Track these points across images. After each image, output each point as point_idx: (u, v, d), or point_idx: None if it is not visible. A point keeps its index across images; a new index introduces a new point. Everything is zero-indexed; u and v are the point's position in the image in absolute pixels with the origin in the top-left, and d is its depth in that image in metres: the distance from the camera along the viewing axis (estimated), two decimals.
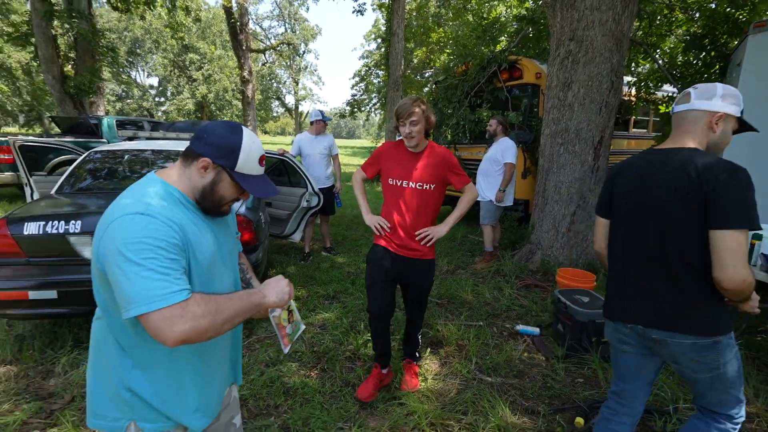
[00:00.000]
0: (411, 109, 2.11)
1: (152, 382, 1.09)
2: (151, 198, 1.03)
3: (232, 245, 1.27)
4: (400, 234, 2.28)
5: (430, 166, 2.22)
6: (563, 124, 4.51)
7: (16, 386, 2.52)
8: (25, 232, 2.70)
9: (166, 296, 0.92)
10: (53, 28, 10.69)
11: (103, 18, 31.48)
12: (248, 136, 1.12)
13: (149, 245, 0.94)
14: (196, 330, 0.94)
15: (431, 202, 2.27)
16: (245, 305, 1.06)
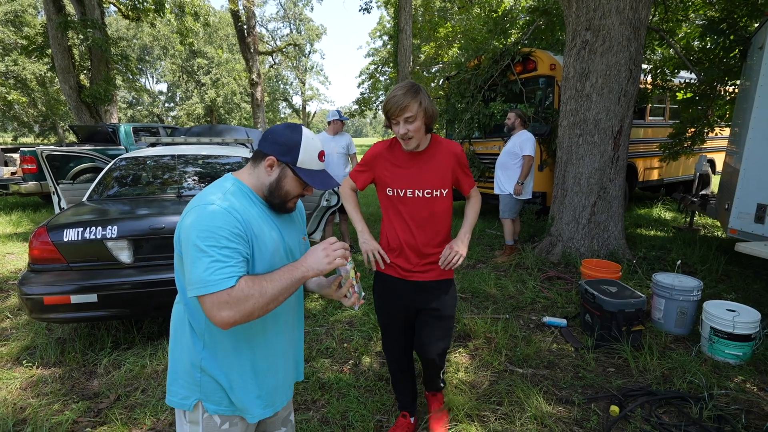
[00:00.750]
0: (404, 103, 1.61)
1: (220, 364, 1.18)
2: (223, 192, 1.13)
3: (298, 244, 1.32)
4: (409, 256, 1.84)
5: (440, 167, 1.78)
6: (581, 115, 4.49)
7: (62, 387, 2.63)
8: (64, 238, 2.80)
9: (217, 282, 1.01)
10: (68, 38, 10.91)
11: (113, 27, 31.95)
12: (307, 134, 1.21)
13: (213, 233, 1.04)
14: (241, 313, 1.03)
15: (444, 211, 1.83)
16: (287, 282, 1.10)
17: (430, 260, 1.87)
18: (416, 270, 1.87)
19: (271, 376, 1.26)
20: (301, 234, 1.38)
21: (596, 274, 3.47)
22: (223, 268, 1.03)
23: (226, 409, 1.20)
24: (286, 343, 1.30)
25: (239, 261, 1.07)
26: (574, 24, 4.43)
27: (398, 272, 1.89)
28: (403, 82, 1.66)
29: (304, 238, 1.40)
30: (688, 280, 3.12)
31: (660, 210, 7.56)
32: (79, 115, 11.45)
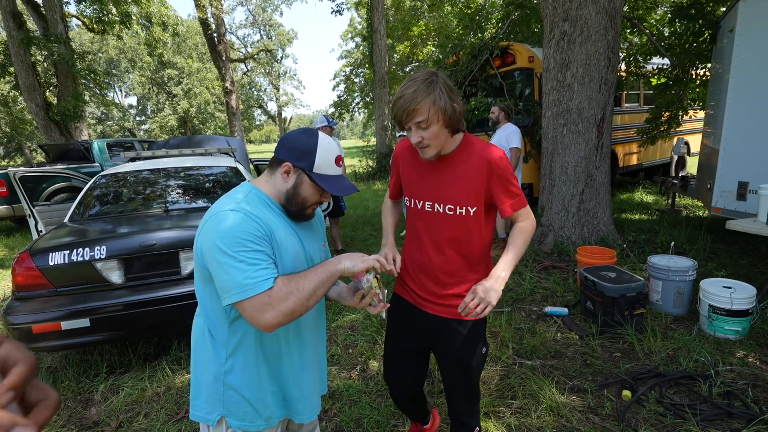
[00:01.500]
0: (413, 105, 1.25)
1: (244, 376, 1.16)
2: (241, 198, 1.12)
3: (318, 252, 1.28)
4: (425, 282, 1.51)
5: (467, 178, 1.38)
6: (564, 105, 4.56)
7: (58, 419, 2.50)
8: (50, 262, 2.66)
9: (255, 285, 1.01)
10: (32, 54, 10.49)
11: (76, 41, 30.96)
12: (323, 139, 1.17)
13: (239, 238, 1.02)
14: (284, 313, 1.02)
15: (473, 234, 1.43)
16: (322, 275, 1.09)
17: (450, 292, 1.48)
18: (432, 300, 1.51)
19: (296, 388, 1.23)
20: (321, 241, 1.34)
21: (592, 261, 3.52)
22: (257, 271, 1.03)
23: (250, 424, 1.18)
24: (310, 354, 1.27)
25: (270, 263, 1.06)
26: (551, 15, 4.49)
27: (413, 298, 1.57)
28: (418, 73, 1.29)
29: (324, 245, 1.36)
30: (682, 260, 3.19)
31: (641, 194, 7.75)
32: (48, 133, 11.03)
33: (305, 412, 1.24)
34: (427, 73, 1.29)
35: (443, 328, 1.52)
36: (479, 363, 1.53)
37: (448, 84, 1.28)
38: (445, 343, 1.53)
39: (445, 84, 1.27)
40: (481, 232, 1.45)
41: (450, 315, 1.49)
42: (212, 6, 17.82)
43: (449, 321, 1.50)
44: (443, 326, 1.51)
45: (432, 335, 1.56)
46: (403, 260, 1.60)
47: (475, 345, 1.51)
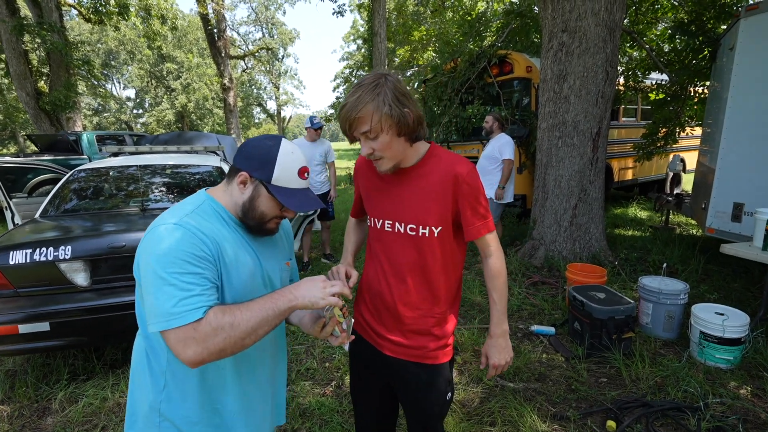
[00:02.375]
0: (354, 113, 1.10)
1: (182, 408, 1.04)
2: (190, 210, 1.01)
3: (278, 271, 1.15)
4: (382, 315, 1.32)
5: (431, 192, 1.22)
6: (560, 117, 4.47)
7: (10, 428, 2.35)
8: (11, 261, 2.52)
9: (181, 315, 0.88)
10: (24, 42, 10.31)
11: (75, 30, 30.70)
12: (286, 148, 1.05)
13: (176, 257, 0.90)
14: (210, 350, 0.89)
15: (439, 260, 1.25)
16: (268, 312, 0.94)
17: (411, 328, 1.29)
18: (390, 339, 1.31)
19: (243, 423, 1.10)
20: (284, 258, 1.21)
21: (582, 279, 3.41)
22: (188, 298, 0.89)
23: None
24: (263, 384, 1.14)
25: (207, 288, 0.93)
26: (550, 26, 4.41)
27: (369, 335, 1.38)
28: (366, 76, 1.14)
29: (288, 264, 1.23)
30: (674, 283, 3.09)
31: (635, 209, 7.68)
32: (38, 123, 10.83)
33: None
34: (375, 76, 1.12)
35: (402, 372, 1.32)
36: (443, 410, 1.35)
37: (399, 87, 1.11)
38: (404, 388, 1.34)
39: (393, 87, 1.10)
40: (448, 258, 1.27)
41: (411, 358, 1.30)
42: (213, 1, 17.70)
43: (408, 364, 1.30)
44: (402, 370, 1.31)
45: (391, 379, 1.37)
46: (361, 289, 1.43)
47: (439, 391, 1.32)
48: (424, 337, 1.28)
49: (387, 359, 1.32)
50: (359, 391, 1.47)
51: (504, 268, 1.30)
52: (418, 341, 1.28)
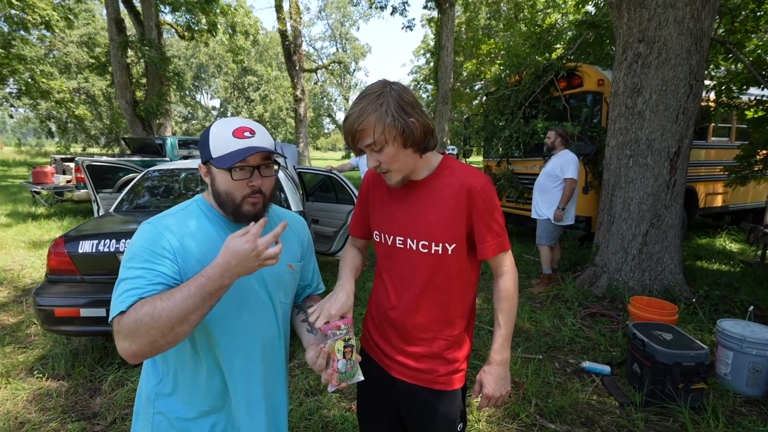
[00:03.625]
0: (357, 126, 1.04)
1: (177, 402, 1.06)
2: (174, 212, 1.05)
3: (274, 272, 1.11)
4: (389, 335, 1.25)
5: (444, 207, 1.14)
6: (632, 134, 4.07)
7: (65, 402, 2.56)
8: (80, 250, 2.77)
9: (114, 306, 0.87)
10: (127, 57, 11.67)
11: (174, 47, 34.30)
12: (219, 121, 1.02)
13: (135, 252, 0.94)
14: (138, 344, 0.84)
15: (452, 279, 1.18)
16: (195, 299, 0.85)
17: (420, 351, 1.20)
18: (398, 360, 1.23)
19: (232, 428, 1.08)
20: (287, 260, 1.15)
21: (648, 315, 3.03)
22: (126, 291, 0.87)
23: None
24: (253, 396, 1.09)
25: (149, 283, 0.89)
26: (625, 36, 4.06)
27: (377, 355, 1.29)
28: (371, 85, 1.07)
29: (291, 266, 1.17)
30: (762, 330, 2.63)
31: (724, 240, 6.79)
32: (134, 128, 12.16)
33: None
34: (380, 85, 1.05)
35: (410, 396, 1.23)
36: None
37: (404, 96, 1.04)
38: (412, 414, 1.25)
39: (398, 97, 1.03)
40: (463, 277, 1.19)
41: (420, 382, 1.21)
42: (292, 19, 18.84)
43: (417, 389, 1.21)
44: (410, 394, 1.23)
45: (400, 403, 1.27)
46: (369, 307, 1.35)
47: (449, 420, 1.22)
48: (434, 360, 1.20)
49: (395, 382, 1.24)
50: (366, 412, 1.39)
51: (516, 292, 1.21)
52: (428, 364, 1.20)
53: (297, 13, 18.80)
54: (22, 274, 4.93)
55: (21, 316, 3.77)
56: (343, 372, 1.04)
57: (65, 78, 24.87)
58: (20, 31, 14.58)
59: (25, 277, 4.82)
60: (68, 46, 25.81)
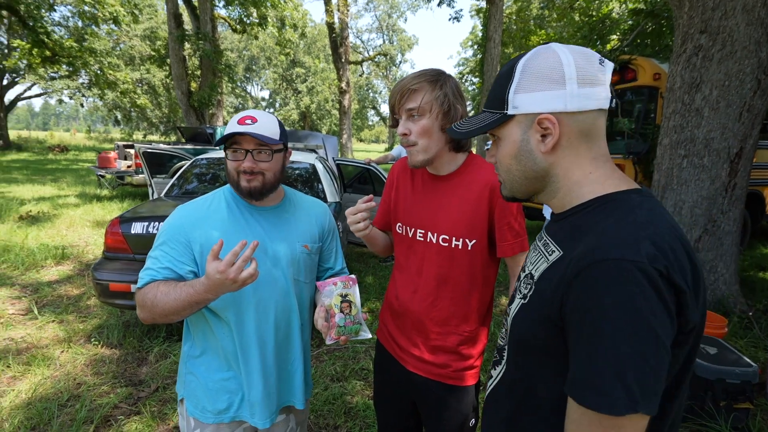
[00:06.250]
0: (410, 85, 1.09)
1: (202, 363, 1.20)
2: (202, 198, 1.22)
3: (288, 253, 1.21)
4: (405, 327, 1.27)
5: (467, 202, 1.16)
6: (688, 133, 3.80)
7: (116, 369, 2.81)
8: (132, 231, 3.01)
9: (139, 280, 1.11)
10: (184, 49, 12.31)
11: (227, 39, 35.68)
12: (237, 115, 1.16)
13: (160, 233, 1.15)
14: (144, 317, 1.09)
15: (470, 274, 1.19)
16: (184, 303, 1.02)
17: (436, 344, 1.22)
18: (413, 354, 1.25)
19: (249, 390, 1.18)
20: (300, 240, 1.24)
21: None
22: (145, 269, 1.11)
23: (201, 414, 1.19)
24: (267, 360, 1.19)
25: (161, 266, 1.10)
26: (685, 26, 3.78)
27: (393, 348, 1.33)
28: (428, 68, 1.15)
29: (306, 246, 1.25)
30: None
31: None
32: (188, 117, 12.85)
33: (258, 417, 1.18)
34: (437, 70, 1.14)
35: (425, 391, 1.25)
36: None
37: (458, 86, 1.15)
38: (426, 407, 1.28)
39: (454, 83, 1.14)
40: (481, 274, 1.20)
41: (433, 376, 1.23)
42: (339, 11, 19.04)
43: (430, 383, 1.24)
44: (425, 389, 1.25)
45: (414, 396, 1.31)
46: (388, 299, 1.37)
47: (461, 415, 1.24)
48: (449, 355, 1.22)
49: (410, 375, 1.27)
50: (382, 402, 1.43)
51: None
52: (442, 359, 1.22)
53: (345, 5, 18.97)
54: (86, 250, 5.40)
55: (83, 288, 4.15)
56: (341, 326, 1.09)
57: (129, 69, 26.62)
58: (92, 25, 15.77)
59: (89, 253, 5.28)
60: (133, 39, 27.58)
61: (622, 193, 0.67)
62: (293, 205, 1.30)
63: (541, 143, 0.69)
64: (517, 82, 0.69)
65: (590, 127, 0.68)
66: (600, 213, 0.66)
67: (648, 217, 0.62)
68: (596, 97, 0.66)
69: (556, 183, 0.72)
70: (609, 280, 0.57)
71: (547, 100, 0.67)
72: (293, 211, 1.28)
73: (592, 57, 0.67)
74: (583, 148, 0.69)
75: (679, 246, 0.60)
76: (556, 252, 0.69)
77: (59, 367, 2.79)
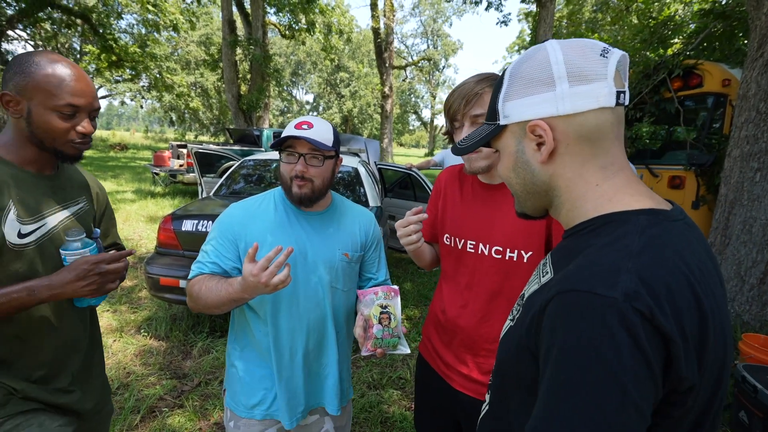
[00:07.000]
0: (477, 90, 1.05)
1: (241, 358, 1.24)
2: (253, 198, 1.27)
3: (328, 259, 1.22)
4: (453, 344, 1.20)
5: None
6: (762, 144, 3.48)
7: (162, 361, 2.92)
8: (183, 228, 3.13)
9: (192, 270, 1.18)
10: (236, 54, 12.84)
11: (276, 45, 36.94)
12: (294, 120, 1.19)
13: (213, 228, 1.22)
14: (191, 304, 1.14)
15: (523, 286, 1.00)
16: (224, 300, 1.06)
17: (485, 361, 1.14)
18: (461, 372, 1.17)
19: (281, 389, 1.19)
20: (341, 248, 1.24)
21: (763, 357, 2.59)
22: (197, 262, 1.18)
23: (236, 407, 1.23)
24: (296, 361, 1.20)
25: (209, 260, 1.16)
26: (762, 28, 3.47)
27: (438, 365, 1.24)
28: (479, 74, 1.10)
29: (346, 254, 1.24)
30: None
31: None
32: (237, 120, 13.38)
33: (285, 416, 1.19)
34: (496, 74, 1.09)
35: (472, 411, 1.14)
36: None
37: None
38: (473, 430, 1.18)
39: None
40: None
41: (483, 396, 1.12)
42: (385, 17, 19.19)
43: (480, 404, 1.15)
44: (472, 410, 1.14)
45: (459, 415, 1.22)
46: (433, 313, 1.30)
47: None
48: None
49: (457, 395, 1.19)
50: (424, 422, 1.36)
51: None
52: None
53: (391, 10, 19.10)
54: (140, 244, 5.71)
55: (135, 280, 4.38)
56: (379, 338, 1.06)
57: (185, 73, 28.16)
58: (153, 32, 16.81)
59: (142, 247, 5.58)
60: (189, 45, 29.16)
61: (629, 213, 0.57)
62: (339, 212, 1.30)
63: (537, 153, 0.62)
64: (506, 89, 0.63)
65: (593, 131, 0.58)
66: (595, 235, 0.57)
67: (646, 245, 0.52)
68: (594, 95, 0.56)
69: (560, 197, 0.64)
70: (571, 317, 0.49)
71: (536, 105, 0.59)
72: (338, 218, 1.28)
73: (589, 49, 0.59)
74: (587, 155, 0.60)
75: (681, 285, 0.49)
76: (549, 273, 0.62)
77: (111, 356, 2.93)
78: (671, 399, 0.48)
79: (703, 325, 0.49)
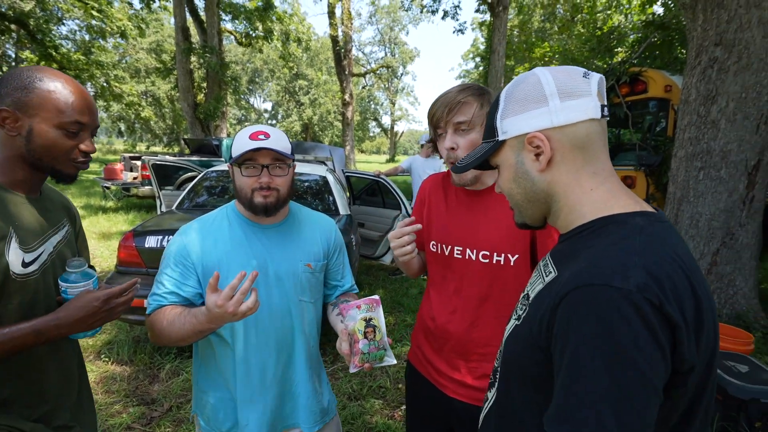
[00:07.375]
0: (459, 99, 1.07)
1: (205, 382, 1.21)
2: (205, 218, 1.20)
3: (291, 271, 1.18)
4: (444, 350, 1.20)
5: (508, 217, 1.06)
6: (704, 145, 3.77)
7: (127, 387, 2.74)
8: (146, 245, 2.96)
9: (147, 305, 1.12)
10: (190, 62, 12.41)
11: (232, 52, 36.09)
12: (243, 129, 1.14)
13: (164, 257, 1.15)
14: (154, 338, 1.09)
15: (513, 292, 1.09)
16: (189, 332, 1.00)
17: (477, 368, 1.15)
18: (453, 378, 1.18)
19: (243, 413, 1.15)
20: (303, 259, 1.20)
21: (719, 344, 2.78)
22: (153, 294, 1.11)
23: (210, 430, 1.19)
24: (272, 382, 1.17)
25: (166, 291, 1.10)
26: (699, 39, 3.77)
27: (429, 372, 1.24)
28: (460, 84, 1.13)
29: (309, 265, 1.21)
30: None
31: None
32: (193, 129, 12.91)
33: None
34: (477, 84, 1.13)
35: (466, 418, 1.14)
36: None
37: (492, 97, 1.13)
38: None
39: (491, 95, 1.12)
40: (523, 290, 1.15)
41: (477, 402, 1.11)
42: (343, 24, 19.24)
43: (475, 410, 1.10)
44: (466, 416, 1.14)
45: (453, 422, 1.22)
46: (422, 320, 1.29)
47: None
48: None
49: (450, 402, 1.19)
50: (416, 430, 1.36)
51: None
52: (487, 383, 1.14)
53: (349, 18, 19.17)
54: (94, 263, 5.34)
55: None
56: (365, 353, 1.03)
57: (135, 82, 26.88)
58: (99, 39, 15.95)
59: (96, 266, 5.22)
60: (139, 52, 27.90)
61: (626, 215, 0.63)
62: (298, 222, 1.26)
63: (535, 162, 0.68)
64: (503, 109, 0.70)
65: (584, 139, 0.65)
66: (597, 235, 0.63)
67: (647, 243, 0.58)
68: (582, 108, 0.64)
69: (558, 203, 0.70)
70: (589, 308, 0.53)
71: (533, 119, 0.66)
72: (297, 228, 1.25)
73: (574, 72, 0.67)
74: (580, 162, 0.66)
75: (680, 277, 0.55)
76: (553, 273, 0.67)
77: None
78: (674, 380, 0.53)
79: (699, 311, 0.54)
